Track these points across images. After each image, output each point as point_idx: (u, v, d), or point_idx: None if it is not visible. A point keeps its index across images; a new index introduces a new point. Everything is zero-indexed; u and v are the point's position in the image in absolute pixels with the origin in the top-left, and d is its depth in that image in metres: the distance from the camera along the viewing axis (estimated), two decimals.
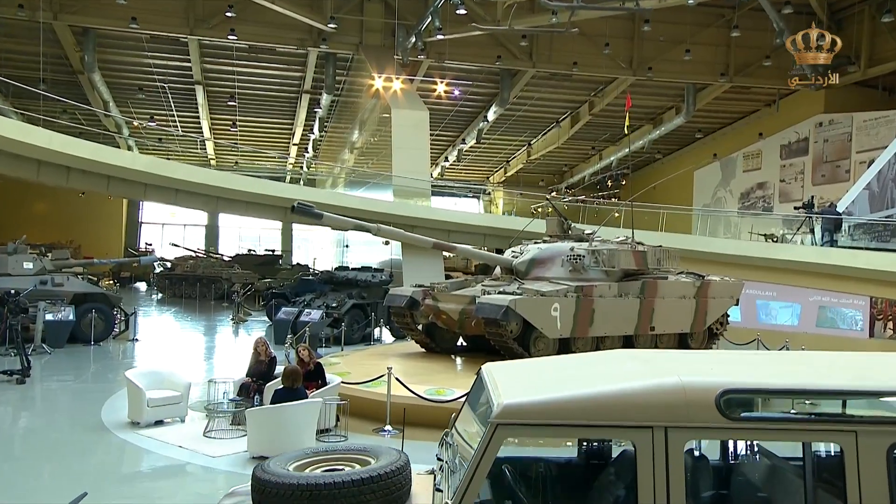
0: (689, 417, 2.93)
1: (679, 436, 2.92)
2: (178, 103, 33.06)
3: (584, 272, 12.48)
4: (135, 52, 27.43)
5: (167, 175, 19.50)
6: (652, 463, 2.90)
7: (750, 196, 32.10)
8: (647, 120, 34.83)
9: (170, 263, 35.71)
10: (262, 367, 9.90)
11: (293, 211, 10.83)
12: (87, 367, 14.55)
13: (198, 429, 9.24)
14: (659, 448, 2.91)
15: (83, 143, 18.69)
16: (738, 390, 2.99)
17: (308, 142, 38.35)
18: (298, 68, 29.61)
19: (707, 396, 2.94)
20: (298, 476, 3.37)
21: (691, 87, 29.90)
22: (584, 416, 2.99)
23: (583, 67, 27.54)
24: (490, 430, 2.98)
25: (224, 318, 23.88)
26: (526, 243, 13.74)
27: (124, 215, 46.03)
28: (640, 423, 2.93)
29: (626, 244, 13.19)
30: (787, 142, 30.08)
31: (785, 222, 26.38)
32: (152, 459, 8.34)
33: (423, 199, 24.07)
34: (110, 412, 10.26)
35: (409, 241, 12.77)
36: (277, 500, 3.27)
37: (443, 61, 27.22)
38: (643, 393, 3.04)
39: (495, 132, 36.73)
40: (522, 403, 3.11)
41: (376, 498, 3.32)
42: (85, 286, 17.90)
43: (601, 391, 3.15)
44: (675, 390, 3.01)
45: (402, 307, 13.08)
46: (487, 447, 2.97)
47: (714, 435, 3.00)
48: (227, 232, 48.52)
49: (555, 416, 3.01)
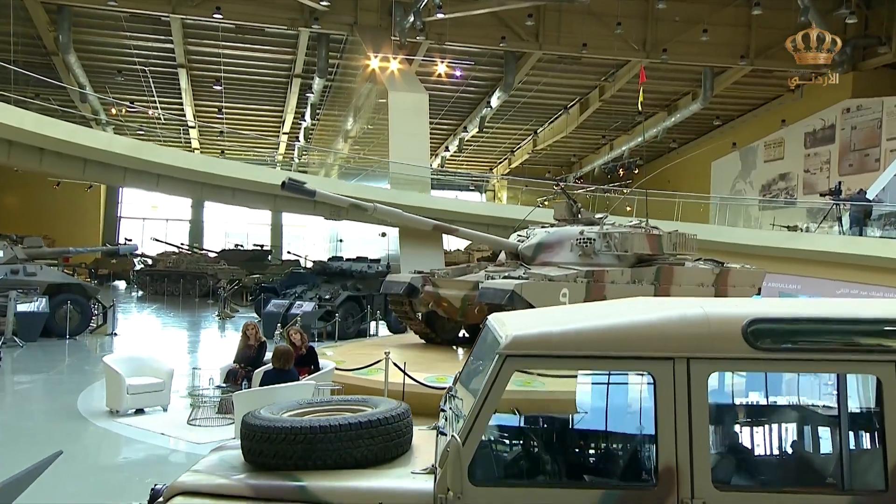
0: (714, 348, 2.91)
1: (702, 367, 2.90)
2: (159, 88, 33.05)
3: (594, 257, 12.44)
4: (113, 31, 27.44)
5: (148, 159, 19.50)
6: (673, 396, 2.88)
7: (772, 188, 32.10)
8: (661, 107, 34.83)
9: (151, 260, 35.68)
10: (250, 352, 9.87)
11: (283, 187, 10.79)
12: (61, 360, 14.54)
13: (181, 417, 9.22)
14: (680, 380, 2.89)
15: (58, 123, 18.70)
16: (767, 319, 2.97)
17: (299, 130, 38.36)
18: (289, 50, 29.63)
19: (733, 326, 2.92)
20: (292, 420, 3.34)
21: (709, 71, 29.88)
22: (599, 347, 2.97)
23: (592, 49, 27.51)
24: (498, 363, 2.96)
25: (209, 314, 23.86)
26: (532, 227, 13.72)
27: (102, 209, 46.03)
28: (660, 354, 2.91)
29: (640, 228, 13.17)
30: (811, 129, 30.09)
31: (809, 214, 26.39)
32: (133, 447, 8.32)
33: (422, 188, 24.06)
34: (87, 401, 10.25)
35: (407, 222, 12.75)
36: (269, 445, 3.24)
37: (443, 43, 27.21)
38: (664, 323, 3.02)
39: (499, 120, 36.74)
40: (532, 334, 3.09)
41: (375, 443, 3.30)
42: (60, 276, 17.90)
43: (618, 321, 3.13)
44: (698, 320, 2.99)
45: (400, 294, 13.03)
46: (496, 380, 2.95)
47: (741, 366, 2.97)
48: (213, 227, 48.59)
49: (567, 348, 2.98)
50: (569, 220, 13.78)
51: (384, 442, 3.34)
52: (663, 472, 2.84)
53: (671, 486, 2.83)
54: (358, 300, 18.10)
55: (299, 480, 3.09)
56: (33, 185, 37.65)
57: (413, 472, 3.17)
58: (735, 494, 2.87)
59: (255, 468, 3.28)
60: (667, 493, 2.83)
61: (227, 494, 3.07)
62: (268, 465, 3.24)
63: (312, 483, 3.06)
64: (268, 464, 3.24)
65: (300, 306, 16.70)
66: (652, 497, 2.84)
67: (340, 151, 32.74)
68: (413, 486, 3.04)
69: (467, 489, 2.84)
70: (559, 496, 2.90)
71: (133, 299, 31.02)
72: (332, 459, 3.22)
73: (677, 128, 35.84)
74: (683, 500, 2.81)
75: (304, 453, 3.22)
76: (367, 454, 3.28)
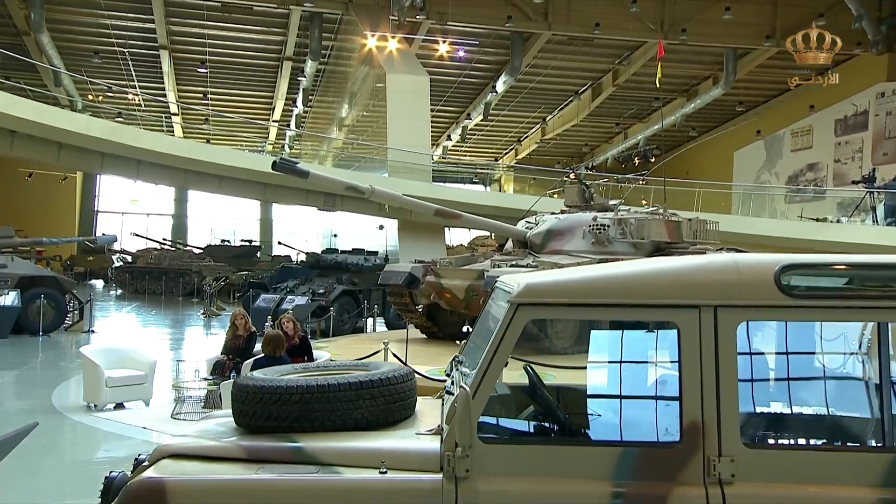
0: (744, 295, 2.90)
1: (731, 316, 2.89)
2: (139, 71, 33.11)
3: (608, 244, 12.45)
4: (89, 10, 27.46)
5: (128, 143, 19.54)
6: (699, 347, 2.87)
7: (799, 179, 32.07)
8: (679, 92, 34.84)
9: (131, 257, 35.72)
10: (239, 342, 9.87)
11: (275, 167, 10.81)
12: (34, 357, 14.54)
13: (165, 412, 9.23)
14: (707, 330, 2.88)
15: (30, 104, 18.73)
16: (801, 265, 2.96)
17: (290, 118, 38.40)
18: (279, 31, 29.67)
19: (765, 272, 2.91)
20: (287, 379, 3.33)
21: (731, 53, 29.86)
22: (619, 295, 2.96)
23: (606, 30, 27.48)
24: (510, 312, 2.96)
25: (194, 313, 23.88)
26: (542, 214, 13.73)
27: (78, 202, 46.10)
28: (686, 302, 2.90)
29: (658, 214, 13.17)
30: (842, 116, 30.06)
31: (840, 207, 26.35)
32: (113, 443, 8.32)
33: (422, 178, 24.07)
34: (62, 397, 10.26)
35: (406, 205, 12.76)
36: (262, 407, 3.23)
37: (445, 22, 27.16)
38: (690, 270, 3.03)
39: (505, 107, 36.75)
40: (547, 281, 3.10)
41: (377, 405, 3.29)
42: (32, 268, 17.93)
43: (639, 269, 3.13)
44: (727, 267, 2.99)
45: (400, 285, 13.05)
46: (507, 330, 2.94)
47: (773, 315, 2.96)
48: (197, 222, 48.72)
49: (584, 295, 2.98)
50: (580, 207, 13.80)
51: (386, 404, 3.33)
52: (688, 428, 2.84)
53: (696, 443, 2.82)
54: (354, 295, 18.12)
55: (295, 441, 3.09)
56: (2, 177, 37.66)
57: (418, 434, 3.17)
58: (766, 453, 2.86)
59: (247, 431, 3.28)
60: (692, 452, 2.82)
61: (218, 456, 3.06)
62: (261, 427, 3.23)
63: (309, 444, 3.05)
64: (261, 426, 3.23)
65: (292, 301, 16.71)
66: (675, 455, 2.84)
67: (335, 138, 32.77)
68: (418, 446, 3.04)
69: (477, 446, 2.83)
70: (574, 455, 2.89)
71: (112, 298, 31.04)
72: (331, 421, 3.21)
73: (697, 115, 35.83)
74: (710, 459, 2.80)
75: (300, 414, 3.21)
76: (367, 416, 3.27)
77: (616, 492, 2.81)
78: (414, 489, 2.86)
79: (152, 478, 2.92)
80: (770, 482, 2.80)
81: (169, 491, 2.85)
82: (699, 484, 2.79)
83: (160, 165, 20.42)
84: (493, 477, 2.85)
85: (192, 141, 28.62)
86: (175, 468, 2.98)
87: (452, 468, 2.83)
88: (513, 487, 2.84)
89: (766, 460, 2.82)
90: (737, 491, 2.78)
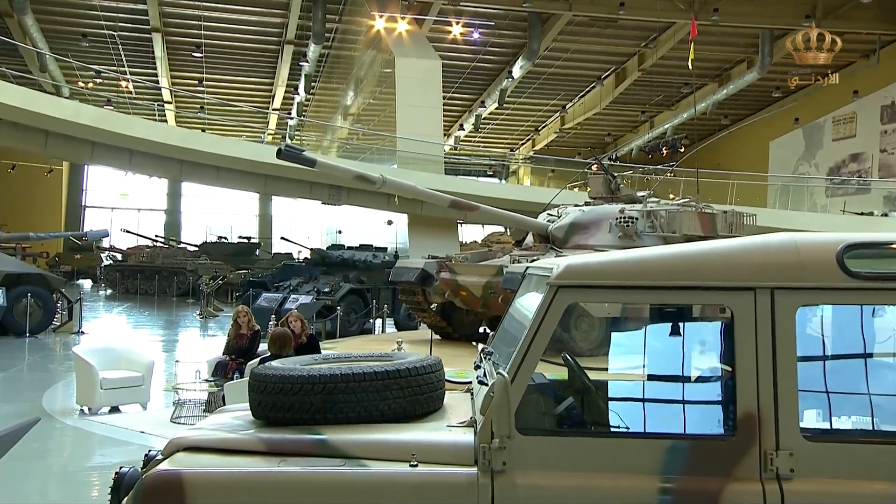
0: (803, 277, 2.89)
1: (790, 299, 2.88)
2: (130, 56, 33.28)
3: (636, 239, 12.41)
4: None
5: (119, 132, 19.64)
6: (754, 333, 2.87)
7: (841, 171, 31.94)
8: (711, 77, 34.76)
9: (121, 255, 35.92)
10: (242, 342, 9.92)
11: (279, 155, 10.82)
12: (20, 358, 14.63)
13: (164, 416, 9.28)
14: (763, 314, 2.88)
15: (16, 89, 18.85)
16: (866, 244, 2.96)
17: (291, 106, 38.50)
18: (280, 13, 29.78)
19: (827, 252, 2.91)
20: (309, 368, 3.35)
21: (767, 34, 29.71)
22: (667, 276, 2.96)
23: (631, 10, 27.39)
24: (550, 294, 2.96)
25: (189, 314, 24.00)
26: (564, 206, 13.71)
27: (64, 196, 46.43)
28: (741, 284, 2.90)
29: (690, 206, 13.14)
30: (889, 102, 29.92)
31: (887, 201, 26.23)
32: (108, 448, 8.37)
33: (434, 169, 24.10)
34: (53, 400, 10.33)
35: (420, 197, 12.81)
36: (282, 398, 3.25)
37: (458, 3, 27.19)
38: (744, 250, 3.02)
39: (522, 94, 36.76)
40: (589, 262, 3.10)
41: (404, 396, 3.30)
42: (18, 265, 18.06)
43: (689, 249, 3.13)
44: (785, 247, 2.98)
45: (412, 282, 13.06)
46: (546, 314, 2.95)
47: (835, 298, 2.95)
48: (192, 218, 48.97)
49: (630, 277, 2.98)
50: (606, 199, 13.78)
51: (414, 395, 3.34)
52: (743, 420, 2.83)
53: (752, 436, 2.82)
54: (362, 294, 18.16)
55: (319, 433, 3.10)
56: None
57: (449, 426, 3.18)
58: (827, 446, 2.85)
59: (266, 424, 3.29)
60: (747, 444, 2.82)
61: (236, 449, 3.08)
62: (281, 419, 3.25)
63: (334, 436, 3.07)
64: (281, 418, 3.25)
65: (295, 300, 16.77)
66: (729, 449, 2.83)
67: (340, 127, 32.84)
68: (451, 438, 3.05)
69: (515, 438, 2.84)
70: (620, 448, 2.90)
71: (101, 298, 31.23)
72: (355, 413, 3.23)
73: (730, 101, 35.73)
74: (767, 452, 2.80)
75: (322, 406, 3.22)
76: (394, 408, 3.28)
77: (664, 487, 2.80)
78: (447, 483, 2.87)
79: (169, 471, 2.94)
80: (832, 478, 2.78)
81: (187, 484, 2.87)
82: (755, 479, 2.78)
83: (154, 155, 20.52)
84: (532, 470, 2.85)
85: (188, 129, 28.69)
86: (192, 461, 3.00)
87: (488, 461, 2.84)
88: (553, 482, 2.84)
89: (827, 454, 2.81)
90: (796, 487, 2.76)
